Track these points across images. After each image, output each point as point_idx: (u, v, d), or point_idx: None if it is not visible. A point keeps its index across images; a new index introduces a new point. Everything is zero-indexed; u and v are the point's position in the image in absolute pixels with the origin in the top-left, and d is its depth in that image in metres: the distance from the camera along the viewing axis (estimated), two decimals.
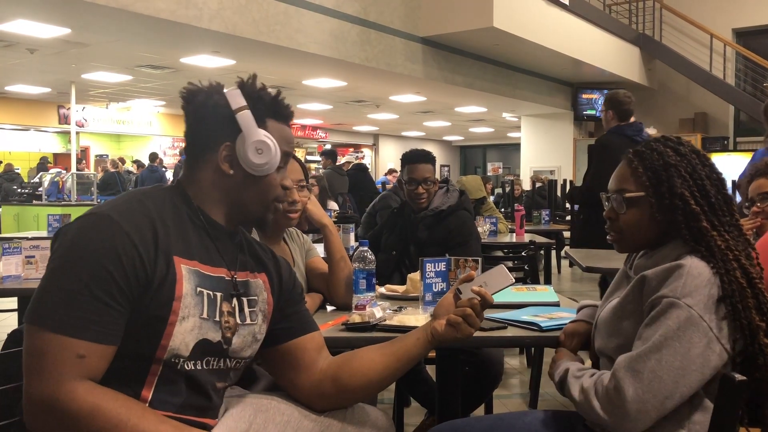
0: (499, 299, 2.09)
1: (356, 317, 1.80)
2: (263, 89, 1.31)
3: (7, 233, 8.68)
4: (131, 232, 1.14)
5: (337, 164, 9.50)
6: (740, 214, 1.50)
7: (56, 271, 1.12)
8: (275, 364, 1.42)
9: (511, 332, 1.80)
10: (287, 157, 1.33)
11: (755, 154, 3.71)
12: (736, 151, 11.77)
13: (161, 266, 1.16)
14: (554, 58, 10.07)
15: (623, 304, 1.40)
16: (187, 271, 1.20)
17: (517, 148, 14.96)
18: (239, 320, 1.29)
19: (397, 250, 3.01)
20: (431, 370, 2.33)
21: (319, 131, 18.91)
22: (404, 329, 1.69)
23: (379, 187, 10.56)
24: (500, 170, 22.47)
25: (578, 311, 1.72)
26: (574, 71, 11.43)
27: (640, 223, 1.43)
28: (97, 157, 16.68)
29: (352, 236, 3.08)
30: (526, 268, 3.58)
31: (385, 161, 21.02)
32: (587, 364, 1.53)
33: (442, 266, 2.04)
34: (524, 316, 1.90)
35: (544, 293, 2.32)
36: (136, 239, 1.14)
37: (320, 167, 11.18)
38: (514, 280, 1.43)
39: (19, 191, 10.83)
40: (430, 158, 3.04)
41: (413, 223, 3.02)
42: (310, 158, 18.59)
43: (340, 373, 1.39)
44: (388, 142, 21.69)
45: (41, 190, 10.68)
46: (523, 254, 4.09)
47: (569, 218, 7.07)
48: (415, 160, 3.00)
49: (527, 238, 5.02)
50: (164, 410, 1.16)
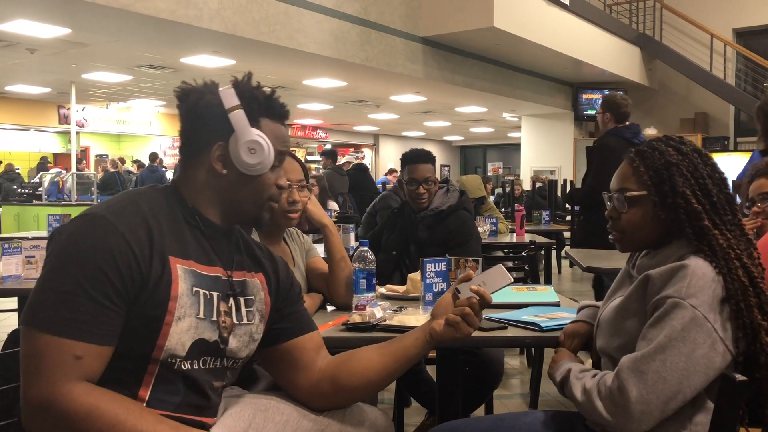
0: (499, 299, 2.09)
1: (356, 317, 1.80)
2: (257, 88, 1.30)
3: (7, 233, 8.68)
4: (126, 232, 1.14)
5: (337, 164, 9.51)
6: (741, 214, 1.50)
7: (51, 272, 1.11)
8: (274, 364, 1.42)
9: (511, 332, 1.80)
10: (282, 156, 1.33)
11: (752, 156, 3.71)
12: (736, 151, 11.76)
13: (156, 266, 1.16)
14: (554, 58, 10.07)
15: (626, 303, 1.40)
16: (182, 271, 1.20)
17: (517, 148, 14.96)
18: (236, 320, 1.28)
19: (397, 250, 3.01)
20: (431, 370, 2.33)
21: (319, 131, 18.91)
22: (404, 329, 1.69)
23: (379, 187, 10.55)
24: (500, 170, 22.46)
25: (578, 311, 1.72)
26: (574, 71, 11.43)
27: (641, 222, 1.43)
28: (97, 157, 16.67)
29: (352, 236, 3.08)
30: (526, 268, 3.57)
31: (385, 161, 21.01)
32: (587, 364, 1.53)
33: (442, 266, 2.04)
34: (524, 316, 1.90)
35: (544, 293, 2.32)
36: (130, 239, 1.14)
37: (320, 167, 11.18)
38: (512, 279, 1.43)
39: (19, 191, 10.82)
40: (430, 158, 3.04)
41: (413, 223, 3.02)
42: (310, 158, 18.59)
43: (338, 373, 1.39)
44: (388, 142, 21.69)
45: (41, 190, 10.67)
46: (523, 254, 4.09)
47: (569, 218, 7.07)
48: (415, 160, 3.00)
49: (527, 238, 5.03)
50: (162, 409, 1.16)
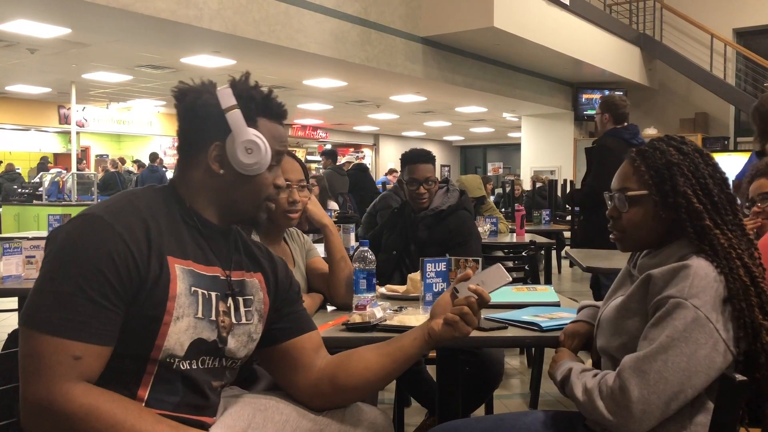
0: (499, 299, 2.10)
1: (357, 317, 1.80)
2: (255, 88, 1.29)
3: (7, 233, 8.68)
4: (123, 232, 1.14)
5: (337, 164, 9.51)
6: (741, 214, 1.50)
7: (49, 273, 1.11)
8: (273, 363, 1.42)
9: (511, 332, 1.80)
10: (280, 156, 1.32)
11: (750, 157, 3.72)
12: (736, 151, 11.75)
13: (154, 266, 1.16)
14: (555, 58, 10.06)
15: (627, 302, 1.40)
16: (181, 270, 1.20)
17: (517, 148, 14.95)
18: (234, 320, 1.28)
19: (397, 250, 3.01)
20: (432, 370, 2.33)
21: (319, 131, 18.91)
22: (404, 329, 1.68)
23: (379, 187, 10.56)
24: (501, 170, 22.46)
25: (579, 311, 1.72)
26: (574, 71, 11.43)
27: (642, 221, 1.43)
28: (97, 157, 16.67)
29: (352, 236, 3.07)
30: (526, 268, 3.57)
31: (385, 161, 21.01)
32: (588, 364, 1.53)
33: (442, 266, 2.04)
34: (525, 316, 1.90)
35: (544, 293, 2.32)
36: (128, 239, 1.14)
37: (320, 167, 11.18)
38: (510, 278, 1.43)
39: (19, 191, 10.82)
40: (430, 158, 3.04)
41: (413, 222, 3.02)
42: (310, 158, 18.58)
43: (337, 373, 1.39)
44: (388, 142, 21.68)
45: (42, 190, 10.67)
46: (523, 254, 4.09)
47: (569, 218, 7.07)
48: (416, 160, 3.00)
49: (528, 238, 5.03)
50: (161, 409, 1.16)
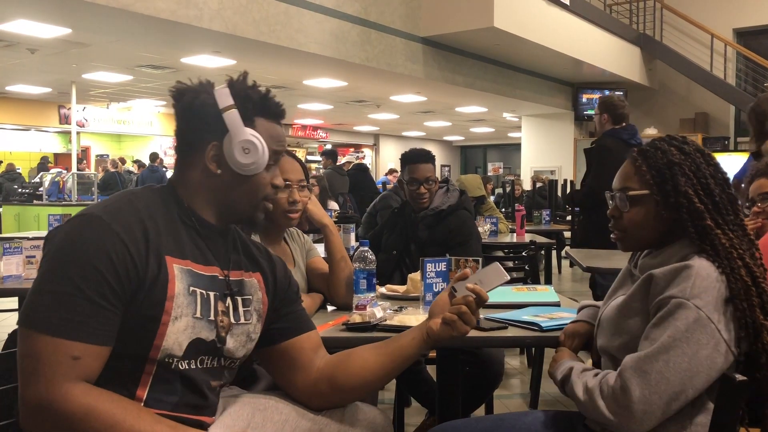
0: (500, 299, 2.10)
1: (357, 317, 1.80)
2: (252, 87, 1.29)
3: (7, 233, 8.68)
4: (121, 232, 1.14)
5: (337, 164, 9.51)
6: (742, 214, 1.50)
7: (48, 273, 1.12)
8: (273, 363, 1.43)
9: (511, 332, 1.80)
10: (277, 155, 1.32)
11: (748, 159, 3.72)
12: (736, 151, 11.74)
13: (153, 266, 1.16)
14: (555, 58, 10.06)
15: (629, 302, 1.40)
16: (179, 270, 1.20)
17: (517, 148, 14.95)
18: (233, 320, 1.28)
19: (397, 249, 3.01)
20: (432, 370, 2.33)
21: (319, 131, 18.91)
22: (405, 329, 1.68)
23: (379, 187, 10.56)
24: (501, 170, 22.46)
25: (579, 311, 1.72)
26: (574, 71, 11.43)
27: (643, 221, 1.43)
28: (97, 157, 16.67)
29: (352, 236, 3.07)
30: (526, 268, 3.57)
31: (385, 161, 21.01)
32: (588, 364, 1.53)
33: (442, 266, 2.04)
34: (525, 316, 1.90)
35: (544, 293, 2.32)
36: (126, 239, 1.14)
37: (321, 167, 11.18)
38: (508, 277, 1.43)
39: (20, 191, 10.82)
40: (430, 157, 3.04)
41: (414, 222, 3.02)
42: (310, 158, 18.58)
43: (336, 373, 1.39)
44: (388, 142, 21.68)
45: (42, 190, 10.68)
46: (523, 254, 4.09)
47: (570, 218, 7.07)
48: (416, 160, 3.00)
49: (528, 238, 5.03)
50: (159, 409, 1.16)
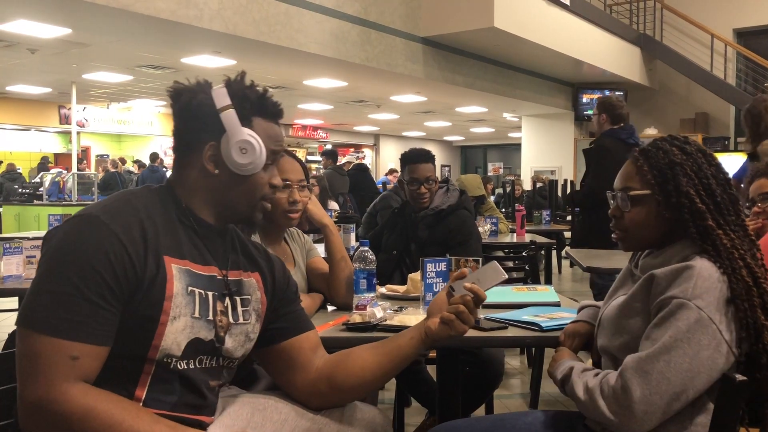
0: (500, 299, 2.10)
1: (357, 317, 1.80)
2: (250, 87, 1.29)
3: (8, 233, 8.69)
4: (120, 232, 1.14)
5: (337, 164, 9.50)
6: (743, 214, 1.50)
7: (47, 273, 1.12)
8: (271, 363, 1.43)
9: (511, 332, 1.80)
10: (275, 155, 1.32)
11: (745, 161, 3.73)
12: (737, 151, 11.73)
13: (151, 266, 1.16)
14: (555, 58, 10.06)
15: (630, 302, 1.40)
16: (177, 270, 1.20)
17: (517, 148, 14.95)
18: (232, 319, 1.29)
19: (397, 249, 3.01)
20: (432, 370, 2.33)
21: (319, 131, 18.91)
22: (404, 329, 1.69)
23: (379, 187, 10.55)
24: (501, 170, 22.46)
25: (579, 311, 1.72)
26: (574, 71, 11.42)
27: (645, 221, 1.43)
28: (97, 157, 16.68)
29: (352, 236, 3.07)
30: (526, 268, 3.57)
31: (385, 161, 21.01)
32: (588, 364, 1.53)
33: (442, 266, 2.04)
34: (525, 316, 1.90)
35: (544, 293, 2.32)
36: (124, 239, 1.14)
37: (321, 167, 11.18)
38: (506, 276, 1.43)
39: (20, 191, 10.82)
40: (430, 157, 3.04)
41: (414, 222, 3.02)
42: (310, 158, 18.59)
43: (334, 372, 1.39)
44: (388, 142, 21.68)
45: (42, 190, 10.69)
46: (523, 254, 4.09)
47: (570, 218, 7.07)
48: (416, 159, 3.00)
49: (528, 238, 5.03)
50: (158, 409, 1.16)
